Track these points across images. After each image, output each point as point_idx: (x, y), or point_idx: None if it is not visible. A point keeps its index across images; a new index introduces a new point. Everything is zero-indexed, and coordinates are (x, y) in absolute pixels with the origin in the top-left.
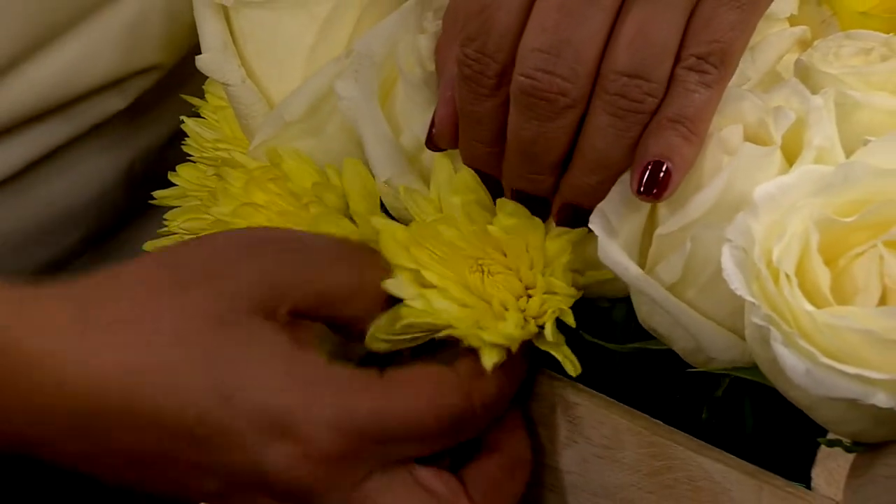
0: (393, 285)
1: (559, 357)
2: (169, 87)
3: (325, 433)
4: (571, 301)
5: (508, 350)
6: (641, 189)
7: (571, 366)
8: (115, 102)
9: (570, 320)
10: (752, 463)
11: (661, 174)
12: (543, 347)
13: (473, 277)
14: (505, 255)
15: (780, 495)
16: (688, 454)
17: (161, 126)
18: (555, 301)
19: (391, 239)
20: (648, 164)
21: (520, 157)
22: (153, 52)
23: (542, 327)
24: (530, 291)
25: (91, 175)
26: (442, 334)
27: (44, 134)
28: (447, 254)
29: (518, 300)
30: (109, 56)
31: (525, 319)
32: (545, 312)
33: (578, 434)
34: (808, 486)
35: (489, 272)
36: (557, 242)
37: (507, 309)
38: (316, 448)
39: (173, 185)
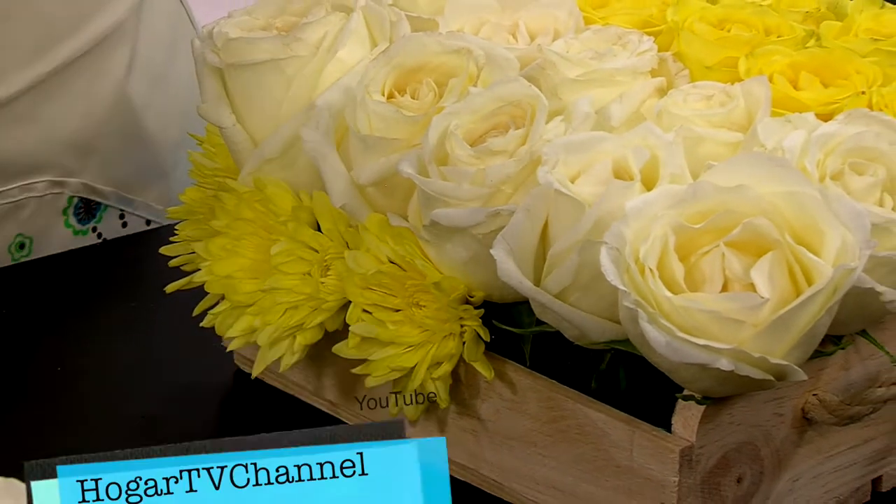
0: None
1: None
2: None
3: None
4: (479, 319)
5: None
6: None
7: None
8: None
9: (486, 335)
10: (626, 413)
11: None
12: (469, 361)
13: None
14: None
15: (647, 437)
16: (576, 406)
17: None
18: (468, 324)
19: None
20: None
21: None
22: None
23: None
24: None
25: None
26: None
27: None
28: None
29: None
30: None
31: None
32: (465, 332)
33: (492, 391)
34: (670, 431)
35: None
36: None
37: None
38: None
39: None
